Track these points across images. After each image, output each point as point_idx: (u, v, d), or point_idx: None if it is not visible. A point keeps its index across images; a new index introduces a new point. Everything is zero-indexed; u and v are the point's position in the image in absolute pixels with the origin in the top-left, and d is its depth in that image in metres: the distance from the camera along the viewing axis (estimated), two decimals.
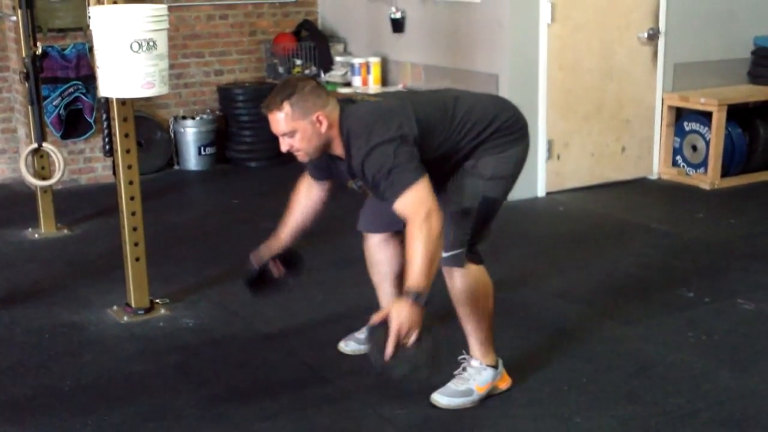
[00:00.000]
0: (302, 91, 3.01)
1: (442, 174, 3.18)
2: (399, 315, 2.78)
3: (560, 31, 5.93)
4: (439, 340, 3.00)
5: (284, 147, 3.08)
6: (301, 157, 3.13)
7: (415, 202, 2.86)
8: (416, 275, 2.81)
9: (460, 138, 3.13)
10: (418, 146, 3.00)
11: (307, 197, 3.46)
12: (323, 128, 3.02)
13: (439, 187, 3.20)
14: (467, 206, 3.12)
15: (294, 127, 3.01)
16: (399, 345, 2.78)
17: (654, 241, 5.20)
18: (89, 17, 3.74)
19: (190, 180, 6.89)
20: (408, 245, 2.84)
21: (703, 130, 6.29)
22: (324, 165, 3.28)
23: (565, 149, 6.14)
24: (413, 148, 2.97)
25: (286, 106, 2.99)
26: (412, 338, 2.81)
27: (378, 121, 3.01)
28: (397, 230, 3.53)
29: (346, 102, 3.14)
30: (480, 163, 3.15)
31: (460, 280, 3.19)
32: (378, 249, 3.55)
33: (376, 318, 2.85)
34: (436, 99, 3.27)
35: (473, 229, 3.15)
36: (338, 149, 3.09)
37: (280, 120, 3.01)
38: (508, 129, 3.20)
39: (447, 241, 3.14)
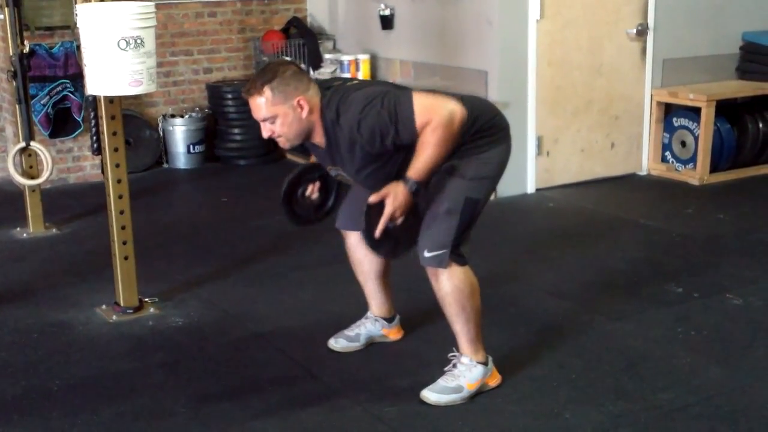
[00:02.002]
0: (283, 75, 3.00)
1: None
2: (395, 199, 2.98)
3: (549, 27, 5.94)
4: (420, 221, 3.17)
5: (265, 133, 3.07)
6: (282, 143, 3.11)
7: (431, 113, 2.95)
8: (420, 168, 2.97)
9: None
10: (400, 140, 3.01)
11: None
12: (304, 113, 3.02)
13: None
14: (450, 207, 3.12)
15: (275, 112, 3.00)
16: (387, 225, 3.03)
17: (643, 237, 5.21)
18: (76, 15, 3.72)
19: (179, 178, 6.87)
20: (422, 139, 2.95)
21: (692, 125, 6.30)
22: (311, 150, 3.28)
23: (554, 145, 6.15)
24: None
25: (267, 91, 2.98)
26: (400, 219, 3.04)
27: (362, 94, 3.02)
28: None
29: (327, 88, 3.13)
30: (462, 163, 3.15)
31: (445, 281, 3.18)
32: (358, 247, 3.54)
33: (374, 197, 3.02)
34: None
35: (457, 230, 3.14)
36: (318, 136, 3.09)
37: (261, 105, 3.00)
38: (489, 130, 3.19)
39: (429, 242, 3.14)
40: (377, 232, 3.03)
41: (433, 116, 2.94)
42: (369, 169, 3.10)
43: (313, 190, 3.40)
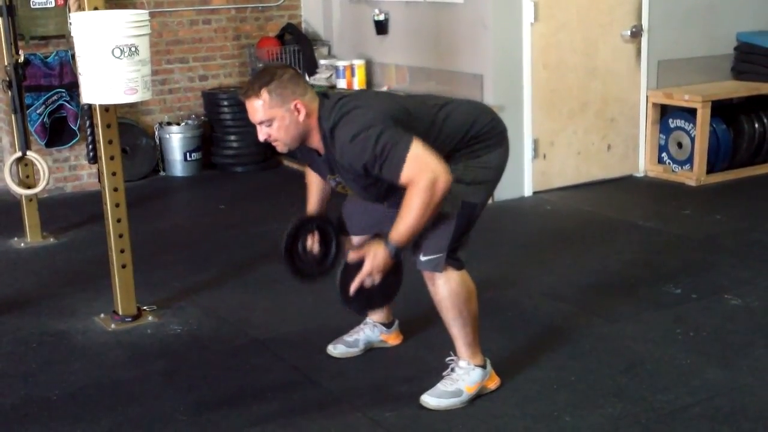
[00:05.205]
0: (281, 78, 2.99)
1: None
2: (374, 259, 2.96)
3: (544, 30, 5.94)
4: (400, 280, 3.14)
5: (262, 136, 3.05)
6: (280, 147, 3.10)
7: (418, 169, 2.89)
8: (402, 232, 2.94)
9: (439, 143, 3.11)
10: (382, 176, 2.98)
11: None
12: (301, 117, 3.00)
13: None
14: (447, 211, 3.11)
15: (272, 115, 2.99)
16: (363, 283, 3.01)
17: (641, 239, 5.21)
18: (70, 24, 3.72)
19: (176, 186, 6.87)
20: (406, 201, 2.91)
21: (688, 126, 6.31)
22: (309, 163, 3.27)
23: (550, 148, 6.15)
24: (396, 126, 2.95)
25: (264, 93, 2.97)
26: (376, 279, 3.01)
27: (359, 110, 2.99)
28: (377, 233, 3.54)
29: (324, 95, 3.12)
30: (459, 168, 3.14)
31: (441, 286, 3.18)
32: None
33: (353, 255, 3.02)
34: (416, 103, 3.26)
35: (453, 234, 3.13)
36: (315, 141, 3.07)
37: (258, 107, 2.99)
38: (486, 134, 3.19)
39: (425, 246, 3.13)
40: (351, 290, 3.02)
41: (420, 175, 2.87)
42: (363, 183, 3.09)
43: (313, 243, 3.39)
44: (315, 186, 3.43)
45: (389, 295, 3.19)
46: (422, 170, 2.88)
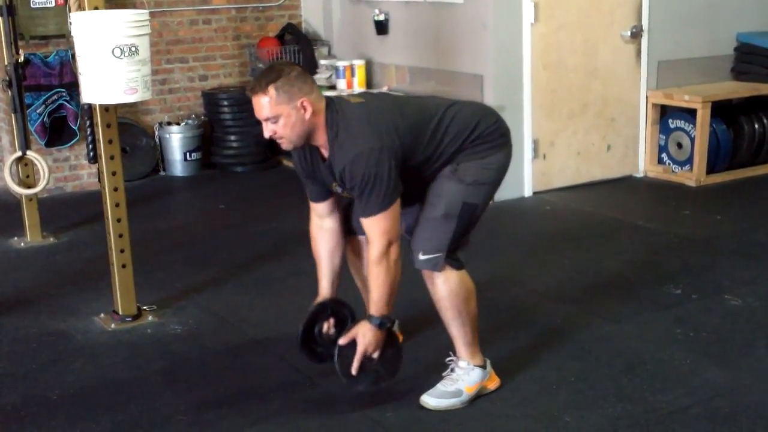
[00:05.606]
0: (288, 75, 2.99)
1: (423, 178, 3.17)
2: (365, 338, 3.13)
3: (544, 30, 5.94)
4: (399, 351, 3.30)
5: (267, 133, 3.05)
6: (285, 144, 3.09)
7: (380, 230, 3.04)
8: (378, 304, 3.09)
9: (443, 143, 3.13)
10: (400, 154, 3.02)
11: (324, 239, 3.38)
12: (307, 114, 3.00)
13: (419, 191, 3.19)
14: (447, 211, 3.12)
15: (278, 112, 2.99)
16: (364, 362, 3.15)
17: (641, 239, 5.21)
18: (70, 23, 3.72)
19: (176, 186, 6.87)
20: (369, 271, 3.12)
21: (688, 127, 6.31)
22: (312, 173, 3.25)
23: (551, 148, 6.15)
24: (393, 160, 2.99)
25: (271, 90, 2.97)
26: (375, 355, 3.17)
27: (364, 126, 3.01)
28: None
29: (332, 100, 3.13)
30: (461, 168, 3.15)
31: (440, 285, 3.19)
32: (361, 253, 3.53)
33: (344, 339, 3.15)
34: (421, 104, 3.27)
35: (453, 234, 3.14)
36: (321, 139, 3.07)
37: (265, 104, 2.99)
38: (490, 135, 3.20)
39: (424, 245, 3.14)
40: (353, 370, 3.14)
41: (378, 239, 3.02)
42: None
43: (329, 327, 3.40)
44: (325, 263, 3.40)
45: (394, 371, 3.27)
46: (381, 234, 3.02)
